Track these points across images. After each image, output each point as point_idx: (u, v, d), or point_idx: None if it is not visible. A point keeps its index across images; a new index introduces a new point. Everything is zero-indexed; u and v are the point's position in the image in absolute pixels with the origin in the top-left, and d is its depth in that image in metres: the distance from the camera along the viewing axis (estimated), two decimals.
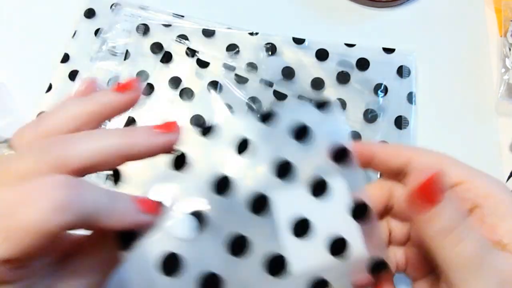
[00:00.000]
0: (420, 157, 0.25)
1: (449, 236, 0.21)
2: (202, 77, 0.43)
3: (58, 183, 0.17)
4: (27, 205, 0.17)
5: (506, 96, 0.43)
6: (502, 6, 0.46)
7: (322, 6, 0.48)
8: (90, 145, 0.20)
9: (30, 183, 0.17)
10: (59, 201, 0.17)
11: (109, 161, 0.20)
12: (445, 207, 0.21)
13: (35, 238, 0.16)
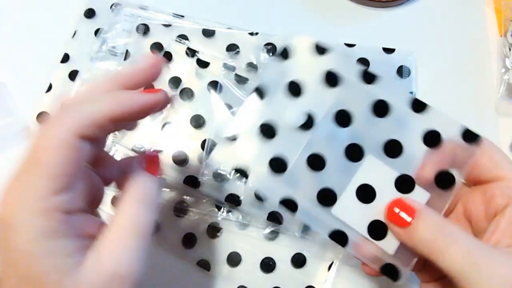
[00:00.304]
0: (483, 144, 0.27)
1: (435, 244, 0.24)
2: (202, 77, 0.43)
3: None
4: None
5: (506, 96, 0.43)
6: (502, 6, 0.46)
7: (322, 6, 0.48)
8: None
9: None
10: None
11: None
12: (420, 223, 0.24)
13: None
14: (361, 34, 0.46)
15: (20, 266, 0.21)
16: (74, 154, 0.22)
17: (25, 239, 0.21)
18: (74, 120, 0.22)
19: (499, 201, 0.26)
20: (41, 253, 0.21)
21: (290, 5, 0.48)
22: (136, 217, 0.24)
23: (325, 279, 0.37)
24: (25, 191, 0.22)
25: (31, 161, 0.23)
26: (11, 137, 0.42)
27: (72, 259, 0.22)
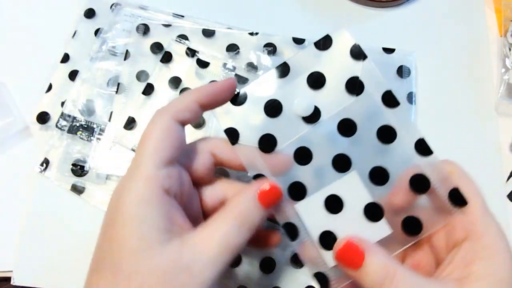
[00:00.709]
0: (457, 172, 0.28)
1: (382, 286, 0.24)
2: (202, 77, 0.43)
3: None
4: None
5: (506, 96, 0.43)
6: (502, 6, 0.46)
7: (322, 6, 0.48)
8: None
9: None
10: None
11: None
12: (368, 266, 0.25)
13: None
14: (361, 34, 0.46)
15: (115, 225, 0.24)
16: (172, 133, 0.27)
17: (129, 200, 0.25)
18: (170, 109, 0.28)
19: (458, 235, 0.26)
20: (133, 215, 0.24)
21: (290, 5, 0.48)
22: (229, 236, 0.25)
23: None
24: (136, 163, 0.26)
25: (140, 144, 0.27)
26: (11, 137, 0.42)
27: (157, 235, 0.24)
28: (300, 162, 0.29)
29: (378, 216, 0.28)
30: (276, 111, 0.29)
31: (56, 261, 0.38)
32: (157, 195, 0.25)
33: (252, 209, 0.27)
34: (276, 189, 0.28)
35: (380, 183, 0.28)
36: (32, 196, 0.40)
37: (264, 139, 0.29)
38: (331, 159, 0.29)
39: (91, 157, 0.40)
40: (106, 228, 0.25)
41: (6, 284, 0.38)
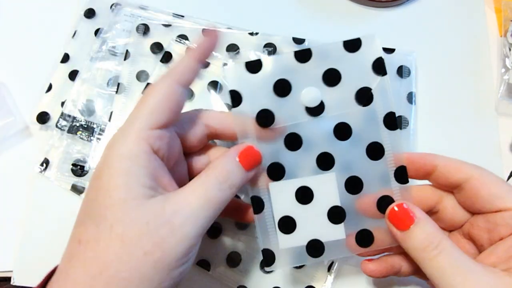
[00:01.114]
0: (480, 176, 0.28)
1: (424, 251, 0.26)
2: (202, 77, 0.43)
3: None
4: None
5: (506, 96, 0.43)
6: (502, 6, 0.46)
7: (322, 6, 0.48)
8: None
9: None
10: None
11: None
12: (416, 230, 0.26)
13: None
14: (361, 34, 0.46)
15: (103, 177, 0.25)
16: (173, 97, 0.28)
17: (117, 154, 0.26)
18: (173, 73, 0.28)
19: (502, 230, 0.27)
20: (120, 169, 0.25)
21: (290, 5, 0.48)
22: (210, 192, 0.26)
23: (325, 279, 0.37)
24: (131, 122, 0.27)
25: (139, 102, 0.28)
26: (11, 137, 0.42)
27: (142, 190, 0.25)
28: (289, 146, 0.30)
29: (339, 220, 0.30)
30: (283, 92, 0.30)
31: (56, 261, 0.38)
32: (145, 153, 0.26)
33: (233, 168, 0.28)
34: (255, 151, 0.29)
35: (353, 192, 0.30)
36: (32, 196, 0.40)
37: (263, 113, 0.29)
38: (317, 155, 0.30)
39: (91, 157, 0.40)
40: (93, 180, 0.26)
41: (6, 284, 0.38)
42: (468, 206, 0.29)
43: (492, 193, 0.27)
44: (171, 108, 0.28)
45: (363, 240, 0.30)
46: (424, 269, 0.26)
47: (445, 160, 0.29)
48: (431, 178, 0.30)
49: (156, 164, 0.26)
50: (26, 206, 0.40)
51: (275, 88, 0.29)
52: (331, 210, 0.30)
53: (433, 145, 0.42)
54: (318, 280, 0.37)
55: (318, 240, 0.30)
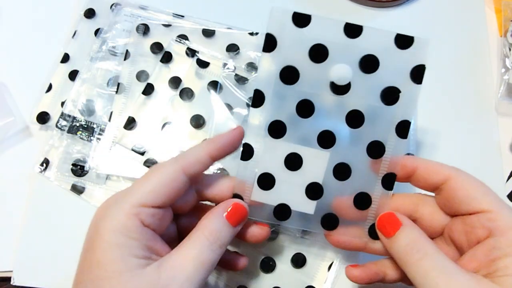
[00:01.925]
0: (458, 178, 0.28)
1: (408, 256, 0.26)
2: (202, 77, 0.43)
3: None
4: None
5: (506, 96, 0.43)
6: (502, 6, 0.46)
7: (321, 6, 0.48)
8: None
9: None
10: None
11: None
12: (401, 236, 0.28)
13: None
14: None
15: (96, 250, 0.25)
16: (174, 185, 0.28)
17: (107, 226, 0.26)
18: (183, 160, 0.29)
19: (479, 233, 0.27)
20: (114, 243, 0.25)
21: (290, 5, 0.48)
22: (202, 254, 0.27)
23: (325, 279, 0.37)
24: (126, 195, 0.27)
25: (141, 178, 0.28)
26: (11, 137, 0.42)
27: (136, 261, 0.25)
28: (299, 111, 0.30)
29: (314, 196, 0.30)
30: (317, 58, 0.29)
31: (56, 261, 0.38)
32: (137, 227, 0.26)
33: (221, 227, 0.28)
34: (242, 208, 0.30)
35: (338, 177, 0.30)
36: (32, 196, 0.40)
37: (289, 70, 0.29)
38: (321, 130, 0.30)
39: (91, 157, 0.40)
40: (86, 253, 0.27)
41: (6, 284, 0.38)
42: (446, 208, 0.29)
43: (468, 195, 0.27)
44: (170, 194, 0.28)
45: (328, 222, 0.31)
46: (408, 273, 0.26)
47: (424, 162, 0.29)
48: (411, 180, 0.30)
49: (148, 235, 0.27)
50: (26, 206, 0.40)
51: (311, 51, 0.29)
52: (310, 185, 0.30)
53: (433, 145, 0.42)
54: (318, 280, 0.37)
55: (288, 206, 0.31)
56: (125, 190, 0.28)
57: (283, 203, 0.31)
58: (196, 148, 0.30)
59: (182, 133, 0.41)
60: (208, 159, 0.30)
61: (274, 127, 0.30)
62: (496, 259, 0.25)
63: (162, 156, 0.40)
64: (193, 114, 0.41)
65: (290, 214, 0.31)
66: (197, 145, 0.30)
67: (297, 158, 0.30)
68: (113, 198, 0.28)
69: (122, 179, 0.40)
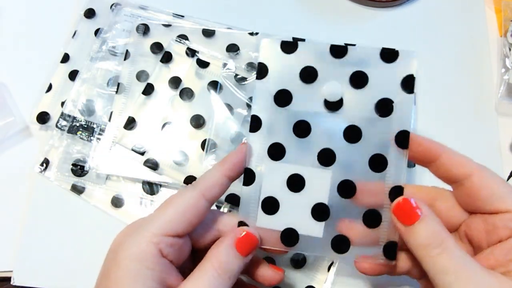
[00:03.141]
0: (482, 175, 0.27)
1: (427, 249, 0.25)
2: (202, 77, 0.43)
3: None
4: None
5: (506, 96, 0.43)
6: (502, 6, 0.46)
7: (322, 6, 0.48)
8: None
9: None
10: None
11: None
12: (420, 226, 0.26)
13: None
14: (361, 34, 0.46)
15: (111, 277, 0.26)
16: (195, 211, 0.28)
17: (125, 255, 0.26)
18: (201, 185, 0.29)
19: (502, 233, 0.26)
20: (129, 272, 0.25)
21: (290, 5, 0.48)
22: (209, 286, 0.26)
23: (325, 279, 0.37)
24: (148, 222, 0.27)
25: (161, 206, 0.28)
26: (11, 137, 0.42)
27: None
28: (296, 132, 0.30)
29: (321, 217, 0.29)
30: (308, 79, 0.30)
31: (56, 261, 0.38)
32: (154, 256, 0.26)
33: (230, 258, 0.28)
34: (252, 237, 0.29)
35: (344, 195, 0.29)
36: (32, 196, 0.40)
37: (282, 93, 0.30)
38: (320, 148, 0.30)
39: (91, 157, 0.40)
40: (102, 278, 0.27)
41: (6, 284, 0.38)
42: (466, 204, 0.29)
43: (492, 193, 0.27)
44: (191, 221, 0.28)
45: (339, 246, 0.30)
46: (426, 266, 0.25)
47: (450, 152, 0.28)
48: (431, 167, 0.29)
49: (164, 266, 0.27)
50: (26, 206, 0.40)
51: (301, 73, 0.30)
52: (316, 206, 0.30)
53: None
54: (318, 280, 0.37)
55: (295, 230, 0.30)
56: (147, 217, 0.28)
57: (290, 227, 0.30)
58: (211, 171, 0.29)
59: (182, 133, 0.41)
60: (225, 180, 0.29)
61: (274, 149, 0.30)
62: None
63: (162, 156, 0.40)
64: (193, 114, 0.41)
65: (298, 238, 0.30)
66: (211, 168, 0.30)
67: (299, 179, 0.30)
68: (134, 225, 0.28)
69: (122, 179, 0.40)
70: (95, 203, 0.40)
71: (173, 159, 0.40)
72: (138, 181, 0.40)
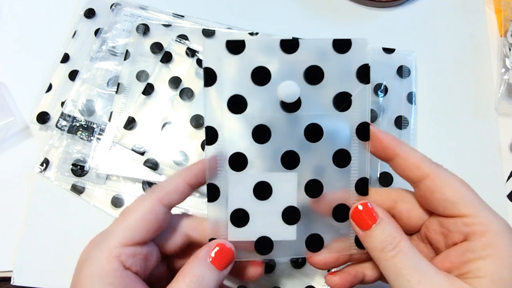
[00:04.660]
0: (436, 177, 0.27)
1: (382, 252, 0.26)
2: (202, 77, 0.42)
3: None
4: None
5: (506, 96, 0.43)
6: (502, 6, 0.46)
7: (322, 6, 0.48)
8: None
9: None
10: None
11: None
12: (376, 230, 0.27)
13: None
14: (361, 34, 0.46)
15: None
16: (152, 217, 0.27)
17: (87, 273, 0.25)
18: (158, 191, 0.28)
19: (455, 237, 0.26)
20: None
21: (290, 5, 0.48)
22: None
23: None
24: (105, 236, 0.27)
25: (118, 217, 0.27)
26: (11, 137, 0.42)
27: None
28: (256, 138, 0.29)
29: (293, 221, 0.29)
30: (261, 80, 0.28)
31: (56, 261, 0.38)
32: (116, 271, 0.25)
33: (204, 271, 0.26)
34: (227, 248, 0.28)
35: (312, 195, 0.29)
36: (32, 196, 0.40)
37: (235, 99, 0.28)
38: (283, 152, 0.29)
39: (91, 157, 0.40)
40: None
41: (6, 284, 0.38)
42: (424, 206, 0.29)
43: (445, 198, 0.26)
44: (149, 228, 0.27)
45: (313, 244, 0.29)
46: (382, 270, 0.26)
47: (406, 152, 0.28)
48: (390, 164, 0.29)
49: (127, 280, 0.26)
50: (26, 206, 0.40)
51: (253, 75, 0.28)
52: (286, 210, 0.29)
53: (433, 145, 0.42)
54: (318, 280, 0.37)
55: (268, 238, 0.29)
56: (106, 230, 0.27)
57: (263, 235, 0.29)
58: (172, 177, 0.29)
59: (182, 133, 0.41)
60: (185, 187, 0.28)
61: (235, 160, 0.29)
62: (469, 261, 0.25)
63: (162, 156, 0.40)
64: (193, 114, 0.41)
65: (272, 245, 0.29)
66: (174, 174, 0.29)
67: (265, 186, 0.29)
68: (95, 240, 0.27)
69: (122, 179, 0.40)
70: (95, 203, 0.40)
71: (173, 159, 0.40)
72: (138, 181, 0.40)
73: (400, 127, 0.41)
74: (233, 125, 0.28)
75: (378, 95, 0.42)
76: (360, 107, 0.29)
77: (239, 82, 0.28)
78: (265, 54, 0.28)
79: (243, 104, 0.28)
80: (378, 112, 0.41)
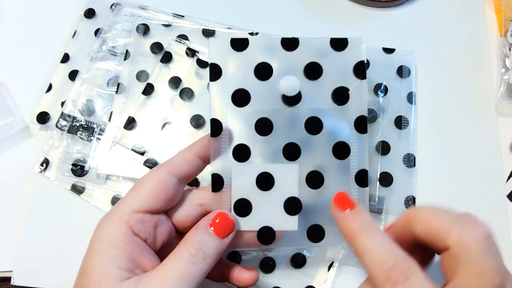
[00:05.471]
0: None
1: (356, 234, 0.26)
2: (202, 77, 0.43)
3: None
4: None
5: (506, 96, 0.43)
6: (502, 6, 0.46)
7: (322, 6, 0.48)
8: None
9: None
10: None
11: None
12: (351, 214, 0.27)
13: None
14: (361, 34, 0.46)
15: (85, 259, 0.27)
16: (162, 186, 0.28)
17: (98, 236, 0.27)
18: (168, 163, 0.29)
19: (448, 272, 0.24)
20: (98, 251, 0.26)
21: (290, 5, 0.48)
22: (182, 268, 0.26)
23: (325, 279, 0.37)
24: (120, 202, 0.28)
25: (134, 185, 0.29)
26: (11, 137, 0.42)
27: (117, 272, 0.25)
28: (258, 130, 0.30)
29: (294, 211, 0.30)
30: (263, 75, 0.30)
31: (56, 261, 0.38)
32: (125, 235, 0.27)
33: (204, 237, 0.28)
34: (227, 218, 0.29)
35: (313, 186, 0.30)
36: (32, 196, 0.40)
37: (239, 92, 0.30)
38: (284, 144, 0.30)
39: (91, 157, 0.40)
40: (82, 261, 0.27)
41: (6, 284, 0.38)
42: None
43: (431, 233, 0.24)
44: (159, 196, 0.28)
45: (314, 235, 0.30)
46: (355, 252, 0.26)
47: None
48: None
49: (135, 245, 0.27)
50: (26, 206, 0.40)
51: (256, 70, 0.30)
52: (288, 201, 0.30)
53: (433, 145, 0.42)
54: (318, 280, 0.37)
55: (271, 228, 0.30)
56: (119, 201, 0.29)
57: (266, 225, 0.30)
58: (181, 151, 0.30)
59: (182, 133, 0.41)
60: (195, 158, 0.30)
61: (239, 151, 0.30)
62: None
63: (162, 156, 0.40)
64: (193, 114, 0.41)
65: (275, 235, 0.30)
66: (185, 148, 0.30)
67: (268, 177, 0.30)
68: (110, 209, 0.29)
69: (122, 179, 0.40)
70: (95, 203, 0.40)
71: None
72: None
73: (400, 127, 0.41)
74: (237, 118, 0.30)
75: (378, 95, 0.42)
76: (357, 101, 0.30)
77: (243, 77, 0.30)
78: (267, 51, 0.30)
79: (246, 98, 0.30)
80: (378, 112, 0.41)
